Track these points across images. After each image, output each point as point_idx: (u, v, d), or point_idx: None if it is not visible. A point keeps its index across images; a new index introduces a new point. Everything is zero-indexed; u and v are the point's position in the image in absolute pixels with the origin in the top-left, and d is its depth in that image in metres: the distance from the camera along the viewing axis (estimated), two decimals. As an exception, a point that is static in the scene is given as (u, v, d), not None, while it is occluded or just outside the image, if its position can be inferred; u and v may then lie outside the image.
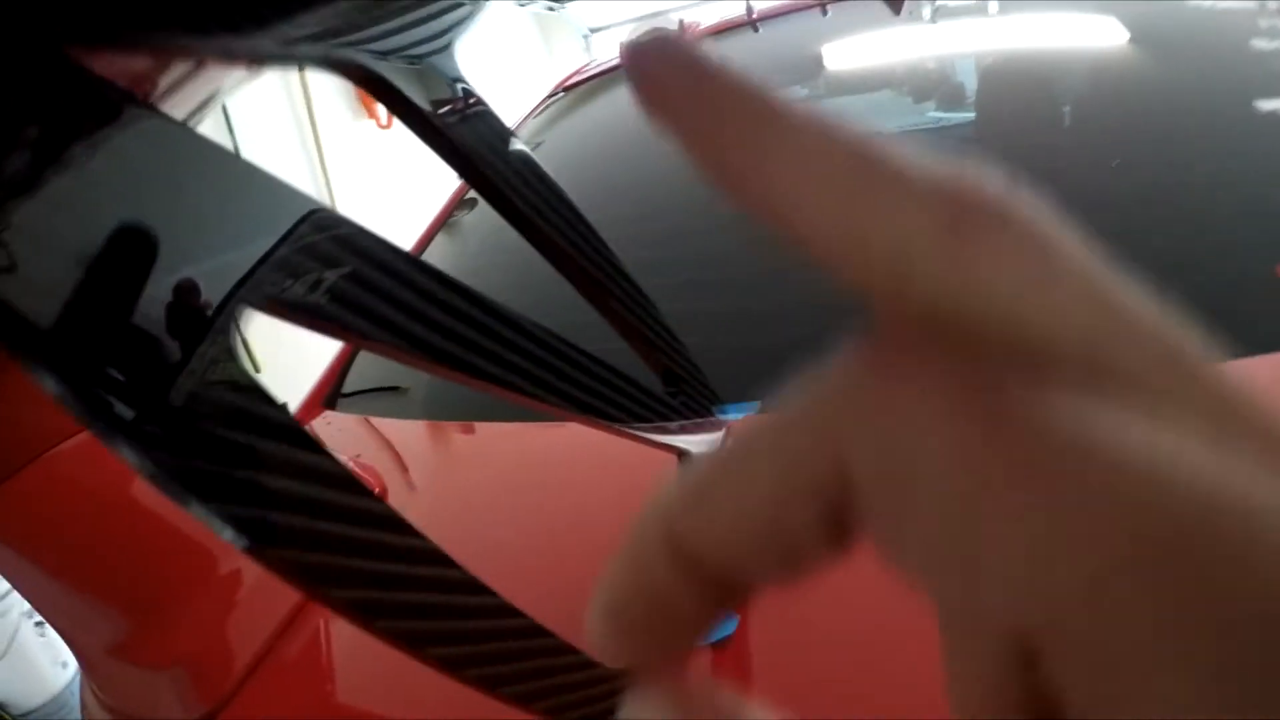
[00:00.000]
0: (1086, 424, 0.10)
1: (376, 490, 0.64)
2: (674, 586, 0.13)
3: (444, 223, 1.10)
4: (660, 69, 0.13)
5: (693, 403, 0.58)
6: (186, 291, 0.23)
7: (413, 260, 0.33)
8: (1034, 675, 0.10)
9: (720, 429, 0.62)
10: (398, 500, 0.66)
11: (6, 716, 1.69)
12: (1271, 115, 0.85)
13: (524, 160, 0.46)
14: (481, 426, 0.75)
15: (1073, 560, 0.09)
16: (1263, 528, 0.09)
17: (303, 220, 0.28)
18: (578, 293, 0.48)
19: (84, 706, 0.58)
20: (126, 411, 0.20)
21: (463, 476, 0.72)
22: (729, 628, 0.47)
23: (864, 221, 0.12)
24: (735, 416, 0.64)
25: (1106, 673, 0.09)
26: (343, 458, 0.69)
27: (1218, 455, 0.10)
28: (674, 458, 0.55)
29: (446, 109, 0.41)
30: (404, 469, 0.73)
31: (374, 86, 0.38)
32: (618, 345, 0.51)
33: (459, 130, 0.41)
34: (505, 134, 0.45)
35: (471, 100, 0.44)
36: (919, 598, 0.11)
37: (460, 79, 0.44)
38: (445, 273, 0.34)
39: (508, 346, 0.37)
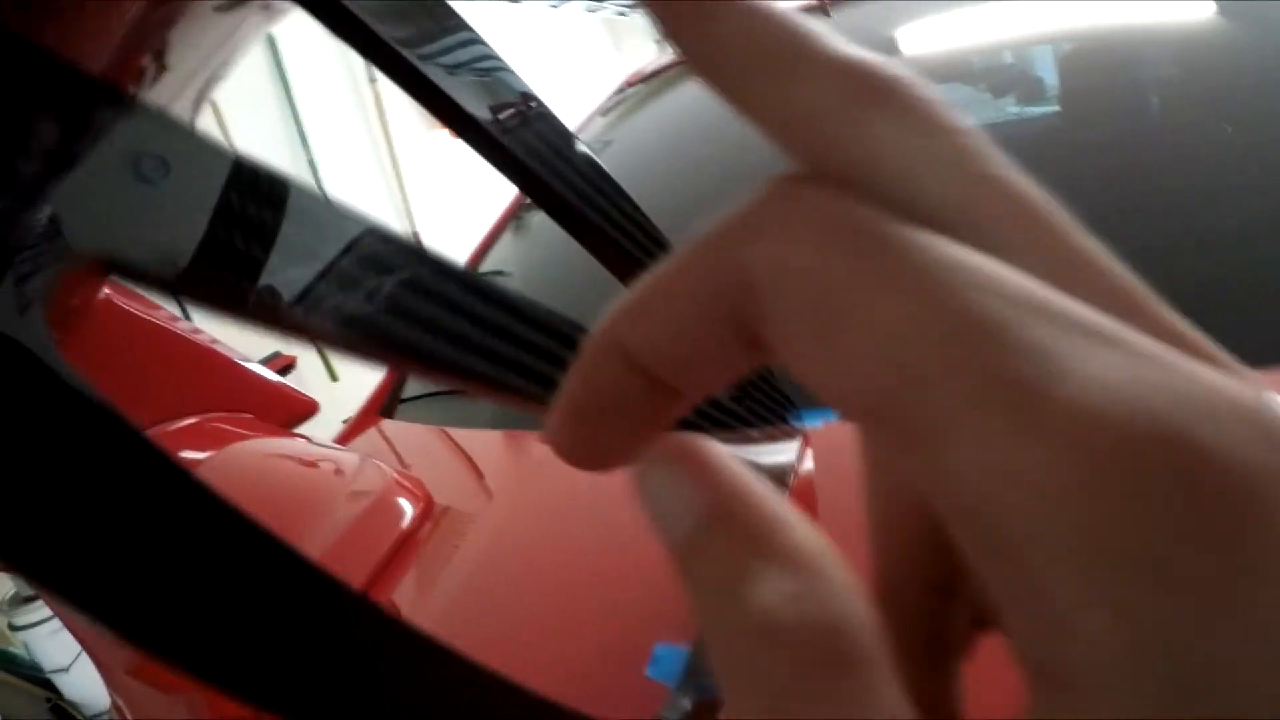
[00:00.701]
0: (927, 246, 0.11)
1: (420, 505, 0.63)
2: (625, 385, 0.14)
3: (510, 220, 1.10)
4: None
5: (764, 410, 0.55)
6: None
7: (475, 283, 0.32)
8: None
9: (797, 437, 0.59)
10: (447, 512, 0.65)
11: (79, 717, 1.76)
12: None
13: (589, 163, 0.45)
14: (534, 435, 0.74)
15: (904, 336, 0.11)
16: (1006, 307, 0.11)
17: (356, 240, 0.27)
18: None
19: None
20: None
21: (523, 487, 0.70)
22: None
23: (783, 91, 0.13)
24: (814, 424, 0.62)
25: (927, 439, 0.11)
26: (386, 468, 0.69)
27: (1042, 284, 0.11)
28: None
29: (505, 114, 0.40)
30: (458, 479, 0.72)
31: (420, 91, 0.37)
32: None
33: (517, 136, 0.40)
34: (567, 137, 0.44)
35: (532, 104, 0.42)
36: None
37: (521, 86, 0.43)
38: (507, 290, 0.33)
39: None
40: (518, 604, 0.56)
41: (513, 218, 1.13)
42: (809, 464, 0.59)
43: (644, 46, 4.52)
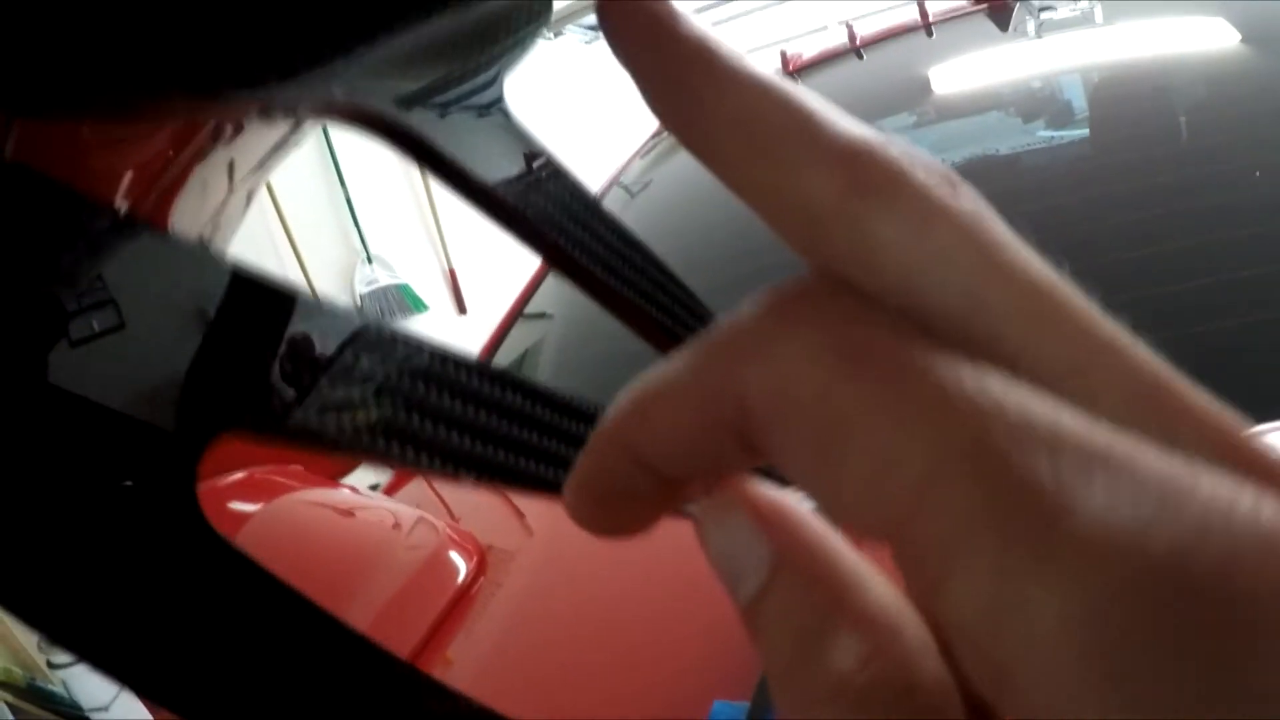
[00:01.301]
0: (929, 370, 0.11)
1: (474, 560, 0.63)
2: (632, 477, 0.14)
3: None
4: (623, 13, 0.14)
5: None
6: None
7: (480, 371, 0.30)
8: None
9: None
10: (497, 568, 0.65)
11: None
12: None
13: (609, 225, 0.44)
14: None
15: (907, 465, 0.11)
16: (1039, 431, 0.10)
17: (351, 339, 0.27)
18: None
19: None
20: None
21: (562, 545, 0.69)
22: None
23: (780, 179, 0.13)
24: None
25: (929, 567, 0.10)
26: (439, 523, 0.69)
27: (1051, 404, 0.11)
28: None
29: (514, 176, 0.38)
30: (499, 518, 0.72)
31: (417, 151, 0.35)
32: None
33: (527, 200, 0.38)
34: (583, 198, 0.41)
35: (538, 163, 0.40)
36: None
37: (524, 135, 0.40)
38: (514, 376, 0.31)
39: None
40: (565, 655, 0.56)
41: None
42: None
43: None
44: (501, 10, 0.40)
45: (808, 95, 0.13)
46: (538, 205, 0.38)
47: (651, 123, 1.47)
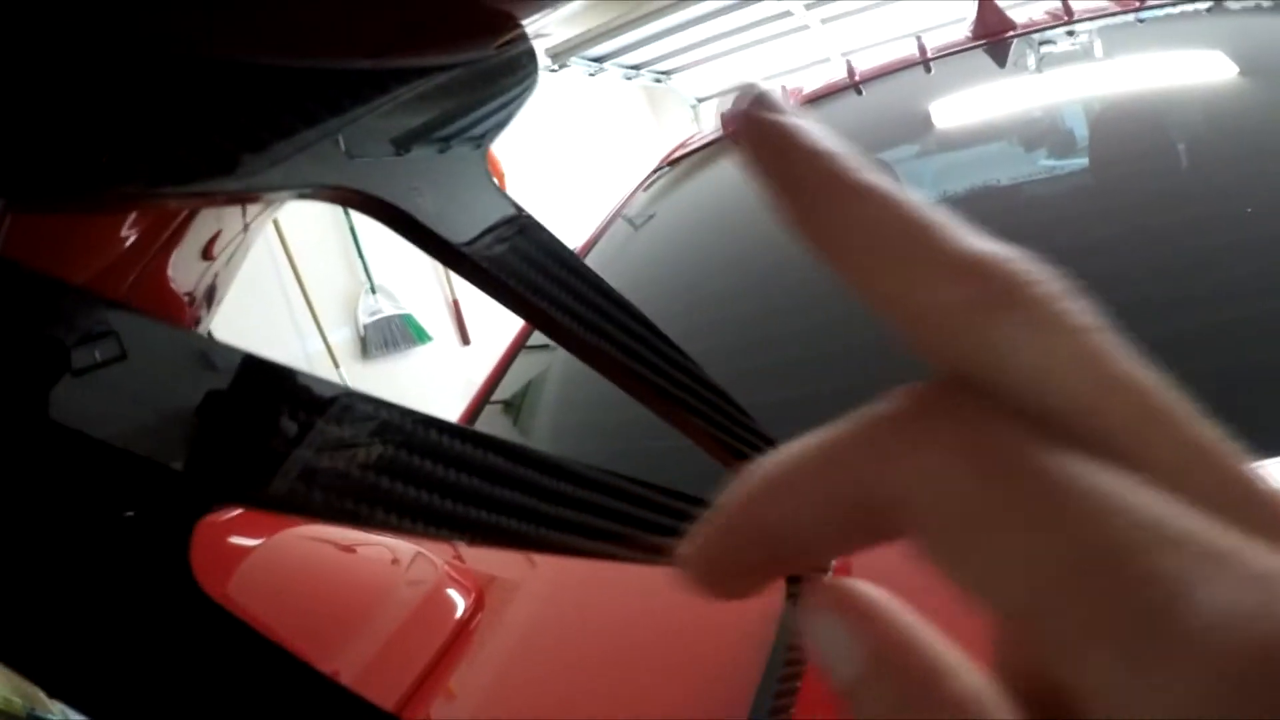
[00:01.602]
0: (1059, 471, 0.12)
1: (472, 600, 0.63)
2: (748, 554, 0.15)
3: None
4: (751, 132, 0.15)
5: (746, 444, 0.51)
6: None
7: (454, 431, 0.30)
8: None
9: None
10: (499, 599, 0.65)
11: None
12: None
13: (584, 278, 0.42)
14: None
15: (1044, 560, 0.12)
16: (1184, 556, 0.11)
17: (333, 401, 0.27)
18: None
19: None
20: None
21: (557, 583, 0.69)
22: None
23: (907, 290, 0.14)
24: None
25: (1061, 655, 0.12)
26: (438, 560, 0.69)
27: (1166, 502, 0.12)
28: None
29: (490, 237, 0.38)
30: (512, 574, 0.71)
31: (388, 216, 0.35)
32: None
33: (503, 261, 0.38)
34: (556, 252, 0.41)
35: (516, 221, 0.39)
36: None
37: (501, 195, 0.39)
38: (489, 436, 0.31)
39: (568, 503, 0.32)
40: (566, 687, 0.56)
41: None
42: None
43: (681, 112, 4.60)
44: (468, 82, 0.40)
45: (930, 208, 0.14)
46: (513, 265, 0.38)
47: (655, 155, 1.49)
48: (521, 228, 0.40)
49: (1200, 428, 0.13)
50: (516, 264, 0.39)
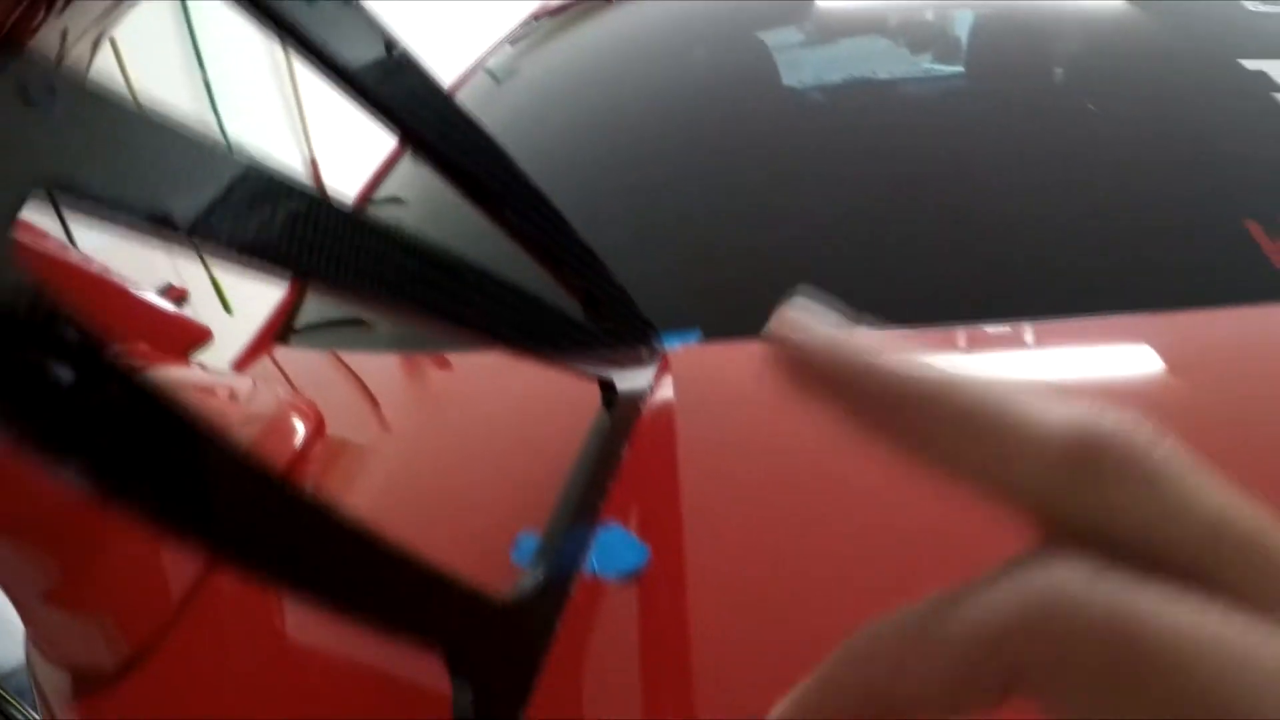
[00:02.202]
0: (1176, 635, 0.13)
1: (312, 426, 0.64)
2: (862, 710, 0.15)
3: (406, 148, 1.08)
4: (795, 371, 0.16)
5: (621, 330, 0.56)
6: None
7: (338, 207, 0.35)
8: None
9: (656, 360, 0.60)
10: (336, 435, 0.66)
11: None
12: (1258, 75, 0.85)
13: (459, 115, 0.47)
14: (416, 358, 0.75)
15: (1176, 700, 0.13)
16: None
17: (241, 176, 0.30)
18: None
19: (29, 661, 0.59)
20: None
21: (391, 407, 0.72)
22: (640, 558, 0.47)
23: (1006, 469, 0.15)
24: (675, 345, 0.62)
25: None
26: (280, 390, 0.68)
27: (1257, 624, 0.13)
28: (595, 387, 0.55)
29: (374, 62, 0.41)
30: (349, 402, 0.73)
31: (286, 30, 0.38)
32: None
33: (385, 85, 0.41)
34: (435, 89, 0.45)
35: (396, 52, 0.43)
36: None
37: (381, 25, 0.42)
38: (372, 218, 0.36)
39: (431, 284, 0.38)
40: (393, 507, 0.58)
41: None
42: (668, 387, 0.60)
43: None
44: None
45: (1006, 386, 0.15)
46: (395, 91, 0.41)
47: (524, 9, 1.42)
48: (405, 58, 0.42)
49: None
50: (398, 90, 0.41)
